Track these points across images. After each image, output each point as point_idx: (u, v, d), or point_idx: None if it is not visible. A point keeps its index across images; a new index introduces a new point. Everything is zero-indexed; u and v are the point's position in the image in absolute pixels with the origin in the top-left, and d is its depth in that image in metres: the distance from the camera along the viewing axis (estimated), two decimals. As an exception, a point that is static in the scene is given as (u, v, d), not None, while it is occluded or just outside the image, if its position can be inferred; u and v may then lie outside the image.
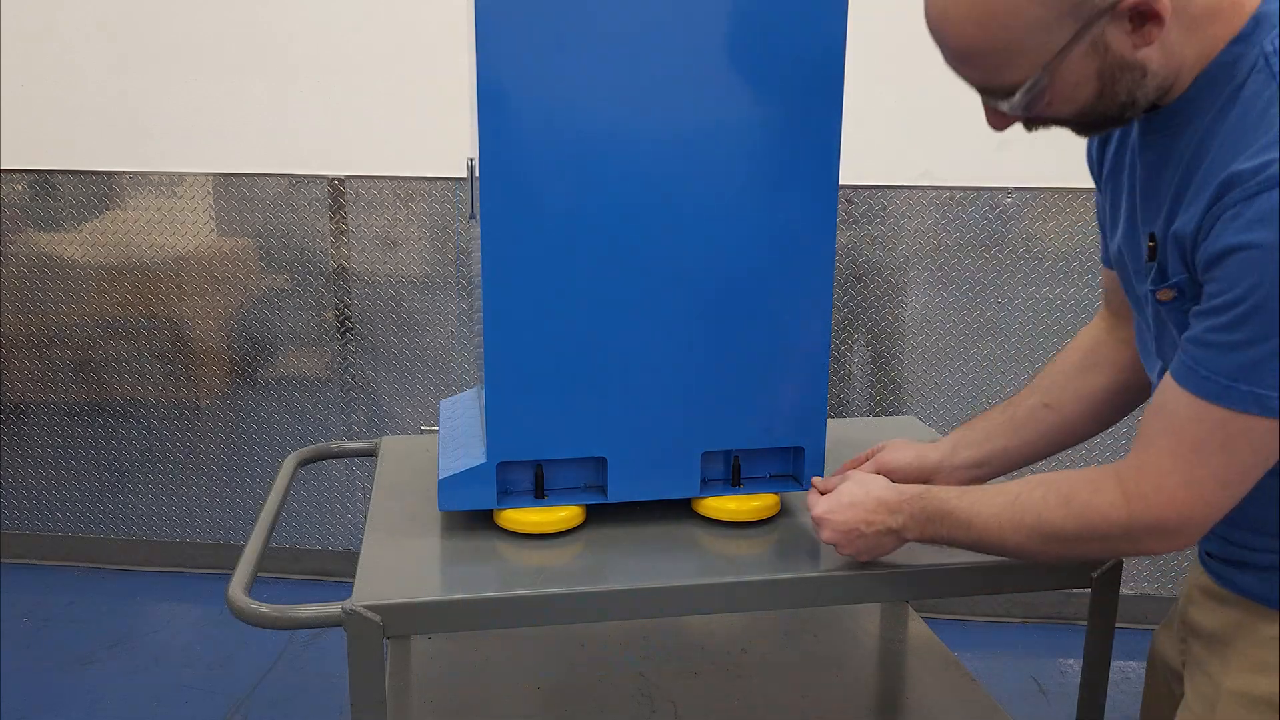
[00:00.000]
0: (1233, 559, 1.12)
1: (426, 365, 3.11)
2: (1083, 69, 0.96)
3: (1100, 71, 0.97)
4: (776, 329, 1.37)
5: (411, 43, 2.87)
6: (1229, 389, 0.93)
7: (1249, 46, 0.95)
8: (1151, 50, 0.95)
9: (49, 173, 3.08)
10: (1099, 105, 1.00)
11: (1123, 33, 0.94)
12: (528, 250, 1.28)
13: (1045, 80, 0.96)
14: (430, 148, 2.91)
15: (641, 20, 1.24)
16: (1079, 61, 0.96)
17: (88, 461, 3.26)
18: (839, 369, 2.99)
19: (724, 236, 1.32)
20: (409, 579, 1.26)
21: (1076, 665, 2.82)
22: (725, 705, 1.62)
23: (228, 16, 2.93)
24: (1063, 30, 0.93)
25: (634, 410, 1.35)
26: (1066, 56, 0.95)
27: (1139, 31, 0.94)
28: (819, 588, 1.29)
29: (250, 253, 3.10)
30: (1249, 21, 0.96)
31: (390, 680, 1.65)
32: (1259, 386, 0.91)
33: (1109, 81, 0.97)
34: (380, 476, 1.60)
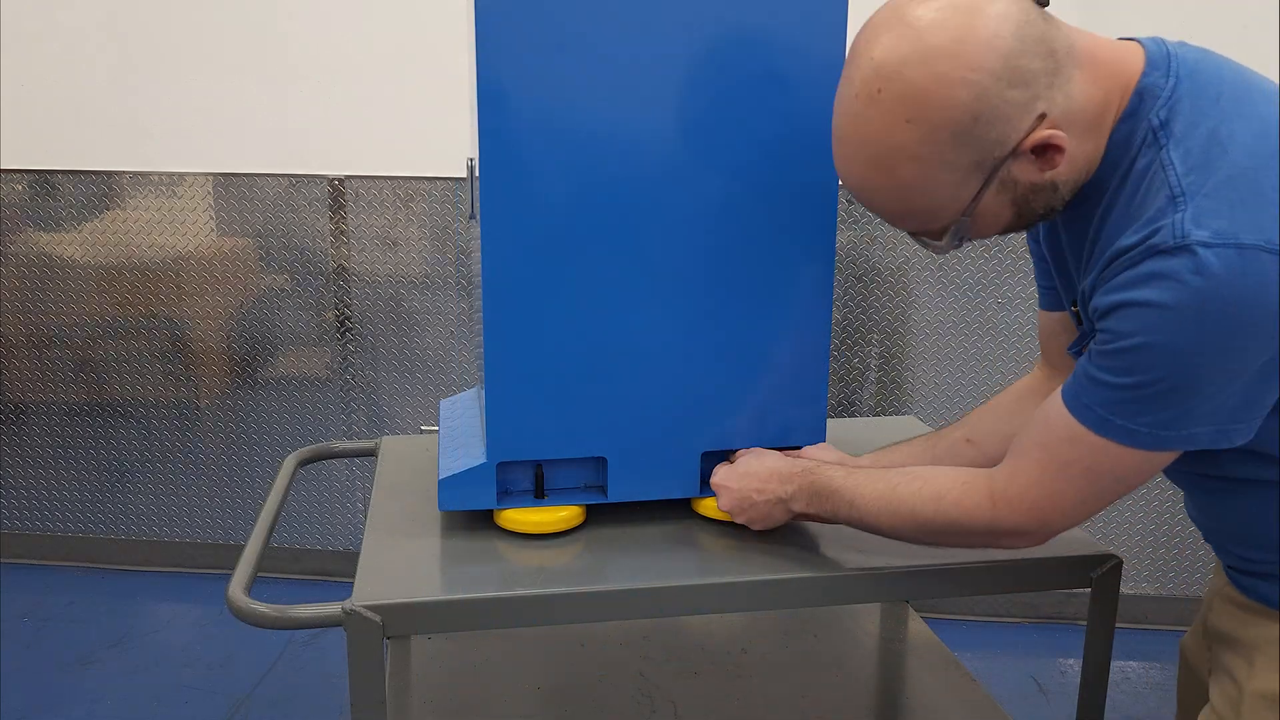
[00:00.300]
0: (1255, 572, 1.14)
1: (426, 365, 3.11)
2: (998, 204, 1.04)
3: (1014, 200, 1.04)
4: (777, 329, 1.37)
5: (411, 43, 2.87)
6: (1105, 421, 1.00)
7: (1137, 121, 1.01)
8: (1058, 169, 1.01)
9: (49, 173, 3.08)
10: (1020, 223, 1.08)
11: (1029, 165, 1.01)
12: (528, 250, 1.28)
13: (967, 221, 1.04)
14: (430, 148, 2.91)
15: (641, 20, 1.24)
16: (994, 200, 1.03)
17: (88, 461, 3.26)
18: (839, 369, 2.99)
19: (724, 236, 1.32)
20: (409, 579, 1.26)
21: (1076, 665, 2.82)
22: (725, 705, 1.62)
23: (228, 17, 2.93)
24: (973, 182, 1.01)
25: (634, 410, 1.35)
26: (980, 200, 1.02)
27: (1044, 160, 1.01)
28: (819, 588, 1.29)
29: (250, 253, 3.10)
30: (1133, 98, 1.01)
31: (390, 680, 1.65)
32: (1131, 422, 0.99)
33: (1024, 205, 1.05)
34: (380, 476, 1.60)
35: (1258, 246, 0.90)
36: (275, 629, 1.26)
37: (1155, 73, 1.01)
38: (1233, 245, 0.90)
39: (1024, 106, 0.97)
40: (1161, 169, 0.97)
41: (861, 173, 1.03)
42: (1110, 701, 1.41)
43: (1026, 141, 0.98)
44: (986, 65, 0.95)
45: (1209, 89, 0.99)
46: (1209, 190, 0.93)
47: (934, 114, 0.96)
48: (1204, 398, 0.96)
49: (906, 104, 0.96)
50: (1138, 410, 0.98)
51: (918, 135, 0.97)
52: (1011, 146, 0.98)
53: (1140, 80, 1.01)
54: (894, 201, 1.04)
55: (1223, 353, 0.93)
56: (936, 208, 1.03)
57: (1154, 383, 0.96)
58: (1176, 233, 0.92)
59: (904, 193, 1.02)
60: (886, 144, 0.98)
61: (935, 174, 0.99)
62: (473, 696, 1.63)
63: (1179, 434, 0.99)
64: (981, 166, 0.99)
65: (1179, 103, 0.99)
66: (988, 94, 0.95)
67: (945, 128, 0.96)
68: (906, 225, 1.08)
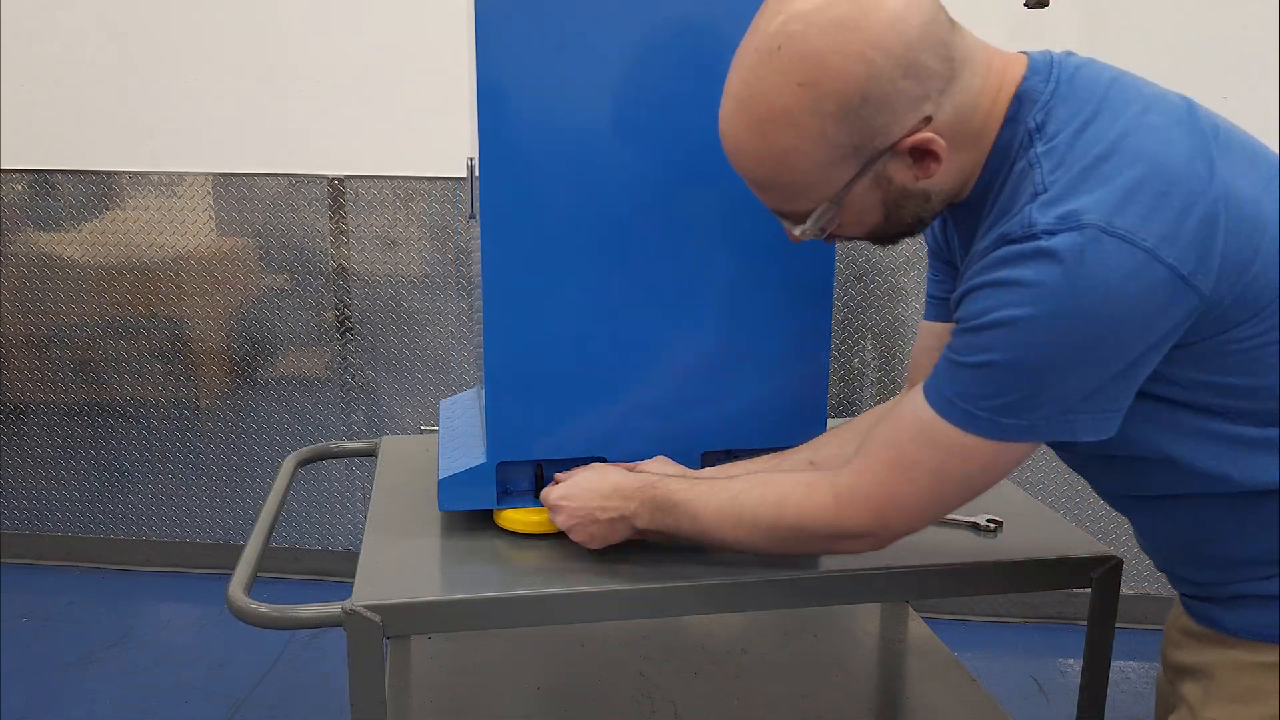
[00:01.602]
0: (1204, 596, 1.13)
1: (426, 365, 3.11)
2: (868, 199, 1.03)
3: (885, 201, 1.04)
4: (776, 329, 1.37)
5: (411, 43, 2.87)
6: (951, 404, 1.00)
7: (1016, 126, 1.01)
8: (933, 178, 1.02)
9: (49, 173, 3.08)
10: (887, 227, 1.08)
11: (904, 167, 1.01)
12: (528, 250, 1.28)
13: (833, 210, 1.04)
14: (430, 148, 2.91)
15: (641, 20, 1.24)
16: (864, 194, 1.02)
17: (88, 461, 3.26)
18: (838, 369, 2.99)
19: (724, 235, 1.32)
20: (409, 579, 1.26)
21: (1076, 665, 2.82)
22: (725, 705, 1.62)
23: (228, 17, 2.93)
24: (846, 168, 1.00)
25: (634, 410, 1.35)
26: (851, 190, 1.02)
27: (919, 165, 1.00)
28: (819, 588, 1.29)
29: (250, 252, 3.10)
30: (1012, 103, 1.01)
31: (390, 680, 1.65)
32: (975, 406, 0.98)
33: (894, 208, 1.05)
34: (380, 476, 1.60)
35: (1096, 227, 0.90)
36: (275, 629, 1.26)
37: (1035, 78, 1.02)
38: (1074, 228, 0.91)
39: (913, 102, 0.97)
40: (1030, 168, 0.97)
41: (740, 131, 1.01)
42: (1110, 701, 1.41)
43: (907, 139, 0.98)
44: (888, 47, 0.94)
45: (1084, 92, 1.00)
46: (1064, 182, 0.94)
47: (826, 82, 0.95)
48: (1045, 386, 0.95)
49: (801, 66, 0.95)
50: (982, 392, 0.98)
51: (804, 100, 0.96)
52: (892, 140, 0.98)
53: (1020, 86, 1.02)
54: (765, 168, 1.02)
55: (1062, 332, 0.92)
56: (805, 185, 1.01)
57: (996, 364, 0.95)
58: (1025, 221, 0.94)
59: (776, 160, 1.00)
60: (772, 104, 0.97)
61: (812, 147, 0.98)
62: (473, 696, 1.63)
63: (1019, 422, 0.98)
64: (859, 153, 0.99)
65: (1055, 106, 0.99)
66: (882, 77, 0.95)
67: (833, 99, 0.95)
68: (771, 199, 1.06)
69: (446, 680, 1.67)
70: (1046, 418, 0.98)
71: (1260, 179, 0.99)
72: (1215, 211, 0.93)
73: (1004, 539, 1.40)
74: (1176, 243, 0.91)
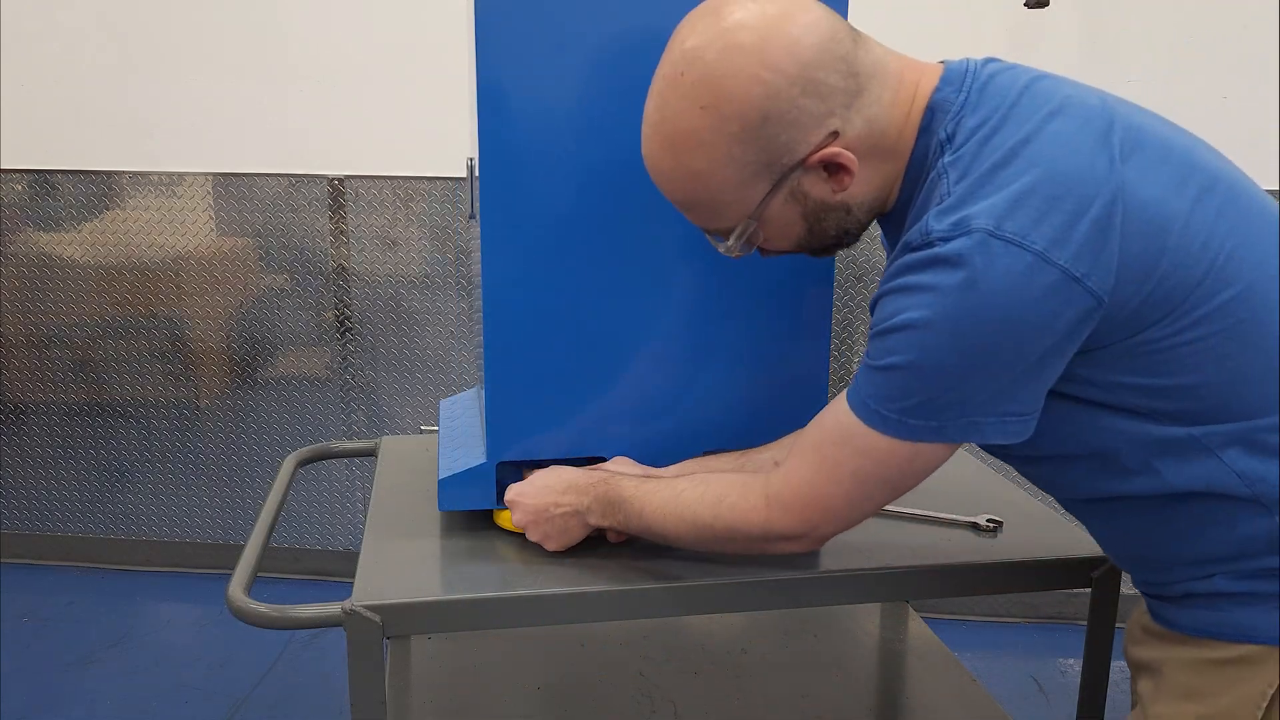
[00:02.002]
0: (1156, 594, 1.14)
1: (426, 365, 3.11)
2: (787, 214, 1.06)
3: (805, 215, 1.06)
4: (777, 329, 1.37)
5: (411, 43, 2.87)
6: (864, 405, 1.03)
7: (930, 136, 1.03)
8: (850, 191, 1.04)
9: (49, 173, 3.08)
10: (812, 241, 1.10)
11: (819, 181, 1.04)
12: (528, 250, 1.28)
13: (753, 225, 1.06)
14: (430, 148, 2.91)
15: (641, 20, 1.24)
16: (781, 209, 1.05)
17: (87, 461, 3.26)
18: (837, 369, 2.99)
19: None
20: (409, 579, 1.26)
21: (1076, 665, 2.82)
22: (725, 705, 1.62)
23: (228, 17, 2.93)
24: (760, 185, 1.03)
25: (634, 410, 1.35)
26: (768, 206, 1.05)
27: (834, 179, 1.03)
28: (819, 588, 1.29)
29: (250, 252, 3.10)
30: (925, 114, 1.03)
31: (390, 680, 1.65)
32: (884, 406, 1.01)
33: (815, 221, 1.07)
34: (380, 476, 1.60)
35: (985, 231, 0.92)
36: (275, 629, 1.26)
37: (948, 88, 1.03)
38: (965, 233, 0.92)
39: (817, 119, 1.00)
40: (939, 177, 0.99)
41: (656, 154, 1.05)
42: (1110, 701, 1.41)
43: (815, 155, 1.01)
44: (783, 68, 0.97)
45: (994, 100, 1.01)
46: (961, 190, 0.96)
47: (725, 105, 0.98)
48: (945, 388, 0.97)
49: (702, 90, 0.99)
50: (890, 394, 1.00)
51: (708, 122, 0.99)
52: (800, 156, 1.01)
53: (932, 97, 1.03)
54: (682, 189, 1.06)
55: (960, 336, 0.94)
56: (723, 204, 1.05)
57: (899, 366, 0.98)
58: (923, 229, 0.96)
59: (691, 181, 1.04)
60: (680, 127, 1.01)
61: (721, 167, 1.01)
62: (473, 696, 1.63)
63: (926, 424, 1.00)
64: (770, 170, 1.02)
65: (965, 116, 1.01)
66: (779, 96, 0.98)
67: (735, 120, 0.98)
68: (695, 217, 1.10)
69: (446, 680, 1.67)
70: (953, 420, 0.99)
71: (1172, 177, 0.98)
72: (1111, 214, 0.93)
73: (1004, 539, 1.40)
74: (1067, 245, 0.92)
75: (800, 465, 1.10)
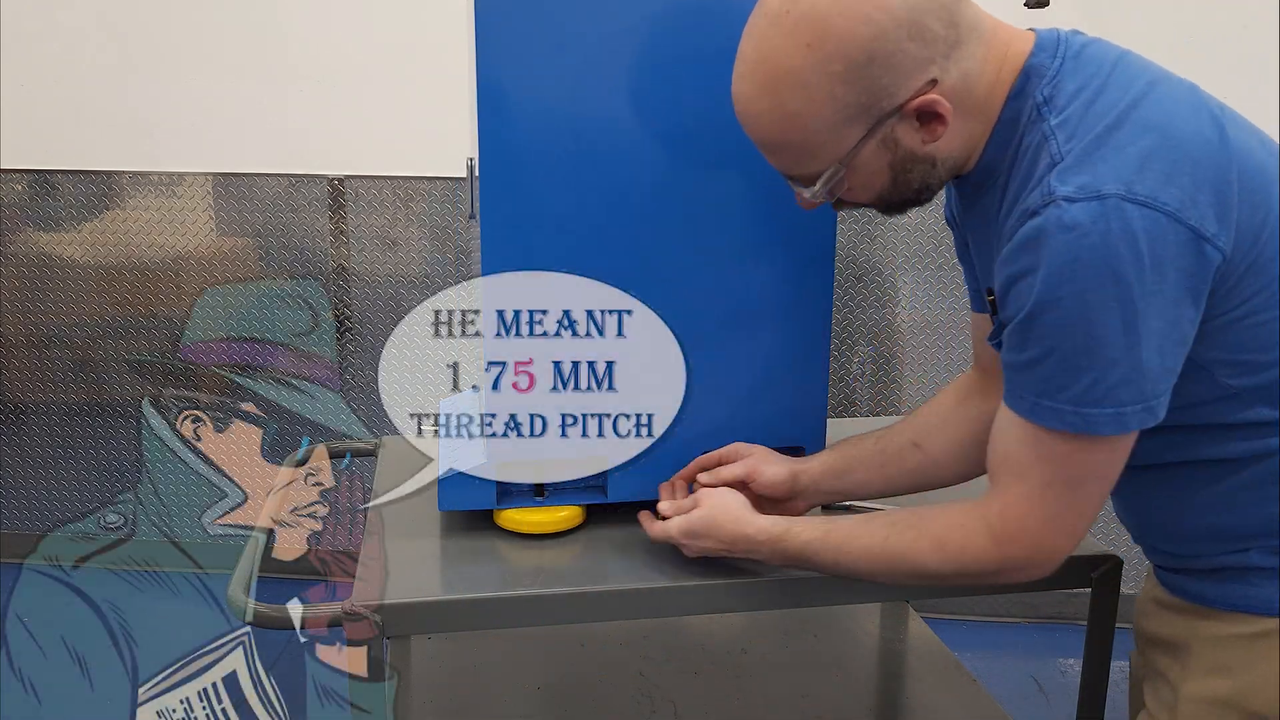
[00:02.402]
0: (1179, 568, 1.14)
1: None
2: (876, 162, 1.05)
3: (892, 164, 1.05)
4: (776, 329, 1.37)
5: (411, 42, 2.87)
6: (1035, 406, 1.00)
7: (1024, 100, 1.03)
8: (939, 144, 1.03)
9: (49, 173, 3.08)
10: (894, 193, 1.09)
11: (911, 130, 1.02)
12: (528, 250, 1.28)
13: (841, 172, 1.05)
14: (430, 148, 2.91)
15: (641, 20, 1.24)
16: (872, 156, 1.04)
17: (87, 461, 3.26)
18: (837, 369, 2.99)
19: (725, 235, 1.32)
20: (409, 579, 1.26)
21: (1076, 665, 2.82)
22: (725, 705, 1.62)
23: (228, 17, 2.93)
24: (855, 129, 1.01)
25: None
26: (859, 152, 1.03)
27: (926, 128, 1.02)
28: (819, 588, 1.29)
29: (250, 252, 3.10)
30: (1020, 77, 1.03)
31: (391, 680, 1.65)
32: (1054, 401, 0.98)
33: (901, 172, 1.06)
34: (380, 476, 1.59)
35: (1117, 195, 0.92)
36: (275, 629, 1.26)
37: (1043, 53, 1.04)
38: (1095, 197, 0.92)
39: (919, 64, 0.99)
40: (1045, 139, 0.99)
41: (751, 94, 1.03)
42: (1110, 701, 1.41)
43: (914, 101, 1.00)
44: (891, 9, 0.97)
45: (1091, 67, 1.02)
46: (1078, 152, 0.96)
47: (832, 43, 0.97)
48: (1108, 362, 0.95)
49: (808, 28, 0.97)
50: (1054, 386, 0.97)
51: (812, 61, 0.98)
52: (899, 101, 1.00)
53: (1028, 60, 1.04)
54: (775, 130, 1.04)
55: (1106, 305, 0.93)
56: (814, 146, 1.03)
57: (1053, 350, 0.96)
58: (1044, 192, 0.95)
59: (787, 122, 1.02)
60: (781, 66, 0.99)
61: (819, 108, 1.00)
62: (473, 696, 1.63)
63: (1103, 412, 0.97)
64: (867, 114, 1.00)
65: (1062, 80, 1.01)
66: (887, 37, 0.97)
67: (839, 59, 0.97)
68: (782, 161, 1.08)
69: (446, 680, 1.67)
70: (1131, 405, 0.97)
71: (1265, 148, 1.01)
72: (1229, 177, 0.95)
73: (1004, 539, 1.40)
74: (1196, 206, 0.93)
75: (1012, 496, 1.05)
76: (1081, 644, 1.39)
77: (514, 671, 1.69)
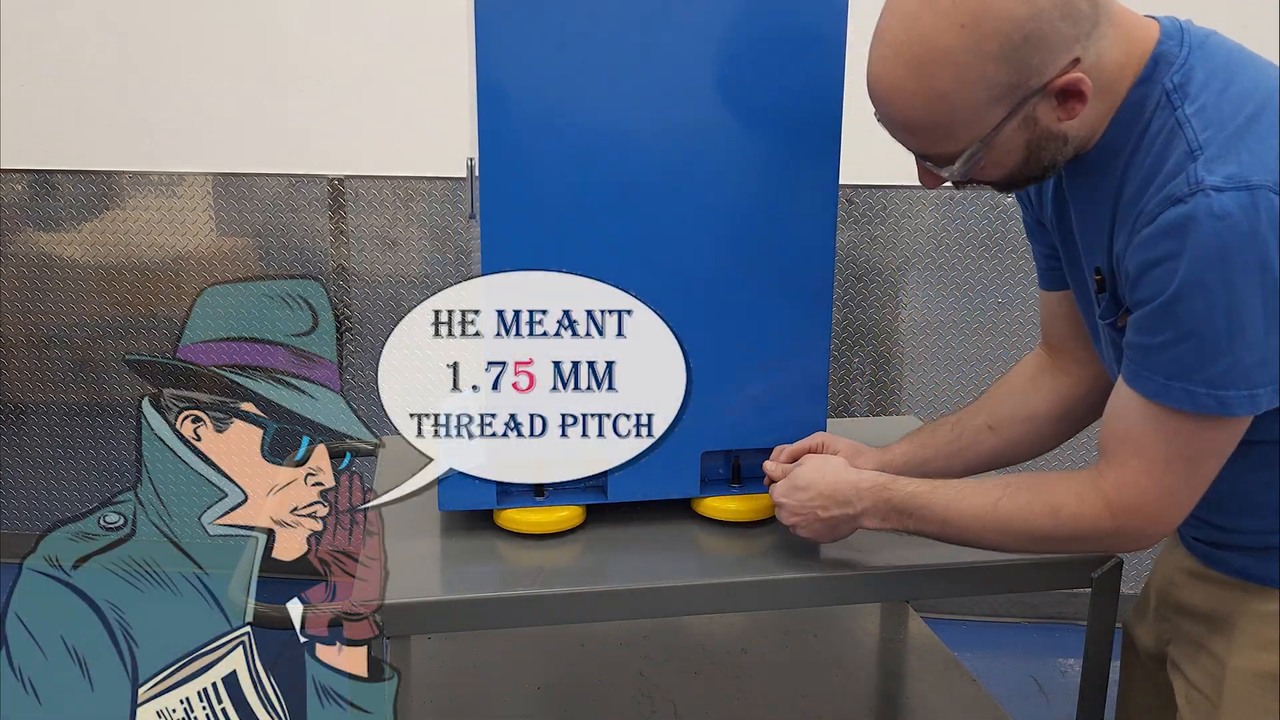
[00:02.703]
0: (1223, 543, 1.16)
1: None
2: (1014, 140, 1.05)
3: (1028, 142, 1.05)
4: (777, 329, 1.37)
5: (411, 43, 2.87)
6: (1165, 387, 1.01)
7: (1151, 86, 1.04)
8: (1072, 121, 1.04)
9: (49, 173, 3.08)
10: (1025, 170, 1.09)
11: (1050, 108, 1.03)
12: (528, 250, 1.28)
13: (981, 150, 1.05)
14: (430, 148, 2.91)
15: (641, 20, 1.24)
16: (1011, 135, 1.04)
17: (88, 461, 3.25)
18: (837, 369, 2.99)
19: (725, 235, 1.32)
20: (409, 579, 1.26)
21: (1076, 665, 2.82)
22: (725, 705, 1.62)
23: (228, 16, 2.93)
24: (1000, 108, 1.02)
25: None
26: (1001, 131, 1.03)
27: (1064, 107, 1.03)
28: (819, 588, 1.29)
29: (250, 252, 3.10)
30: (1149, 63, 1.04)
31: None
32: (1188, 383, 1.00)
33: (1035, 150, 1.06)
34: (380, 476, 1.59)
35: (1265, 186, 0.94)
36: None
37: (1170, 41, 1.04)
38: (1244, 187, 0.94)
39: (1067, 42, 0.99)
40: (1179, 126, 1.00)
41: (898, 75, 1.02)
42: (1110, 701, 1.41)
43: (1059, 80, 1.00)
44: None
45: (1218, 56, 1.03)
46: (1221, 141, 0.97)
47: (989, 23, 0.97)
48: (1247, 345, 0.97)
49: (965, 7, 0.97)
50: (1187, 368, 0.99)
51: (968, 41, 0.97)
52: (1046, 80, 1.00)
53: (1156, 47, 1.04)
54: (920, 110, 1.03)
55: (1250, 292, 0.95)
56: (958, 125, 1.03)
57: (1192, 333, 0.98)
58: (1190, 180, 0.96)
59: (934, 102, 1.01)
60: (934, 46, 0.99)
61: (970, 88, 1.00)
62: (473, 696, 1.63)
63: (1239, 394, 0.99)
64: (1014, 93, 1.00)
65: (1192, 69, 1.02)
66: (1042, 16, 0.97)
67: (995, 39, 0.97)
68: (921, 141, 1.08)
69: (446, 680, 1.67)
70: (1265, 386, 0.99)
71: None
72: None
73: (1004, 539, 1.40)
74: None
75: (1130, 470, 1.08)
76: (1081, 644, 1.39)
77: (514, 671, 1.69)
